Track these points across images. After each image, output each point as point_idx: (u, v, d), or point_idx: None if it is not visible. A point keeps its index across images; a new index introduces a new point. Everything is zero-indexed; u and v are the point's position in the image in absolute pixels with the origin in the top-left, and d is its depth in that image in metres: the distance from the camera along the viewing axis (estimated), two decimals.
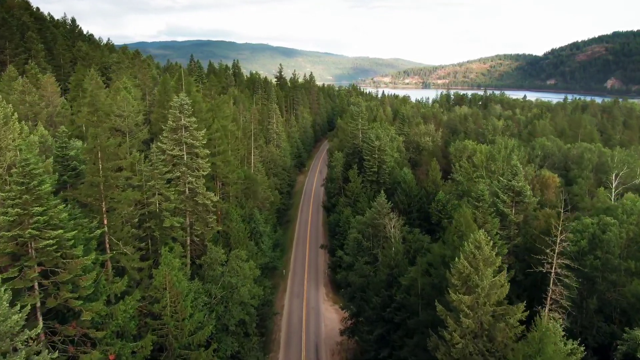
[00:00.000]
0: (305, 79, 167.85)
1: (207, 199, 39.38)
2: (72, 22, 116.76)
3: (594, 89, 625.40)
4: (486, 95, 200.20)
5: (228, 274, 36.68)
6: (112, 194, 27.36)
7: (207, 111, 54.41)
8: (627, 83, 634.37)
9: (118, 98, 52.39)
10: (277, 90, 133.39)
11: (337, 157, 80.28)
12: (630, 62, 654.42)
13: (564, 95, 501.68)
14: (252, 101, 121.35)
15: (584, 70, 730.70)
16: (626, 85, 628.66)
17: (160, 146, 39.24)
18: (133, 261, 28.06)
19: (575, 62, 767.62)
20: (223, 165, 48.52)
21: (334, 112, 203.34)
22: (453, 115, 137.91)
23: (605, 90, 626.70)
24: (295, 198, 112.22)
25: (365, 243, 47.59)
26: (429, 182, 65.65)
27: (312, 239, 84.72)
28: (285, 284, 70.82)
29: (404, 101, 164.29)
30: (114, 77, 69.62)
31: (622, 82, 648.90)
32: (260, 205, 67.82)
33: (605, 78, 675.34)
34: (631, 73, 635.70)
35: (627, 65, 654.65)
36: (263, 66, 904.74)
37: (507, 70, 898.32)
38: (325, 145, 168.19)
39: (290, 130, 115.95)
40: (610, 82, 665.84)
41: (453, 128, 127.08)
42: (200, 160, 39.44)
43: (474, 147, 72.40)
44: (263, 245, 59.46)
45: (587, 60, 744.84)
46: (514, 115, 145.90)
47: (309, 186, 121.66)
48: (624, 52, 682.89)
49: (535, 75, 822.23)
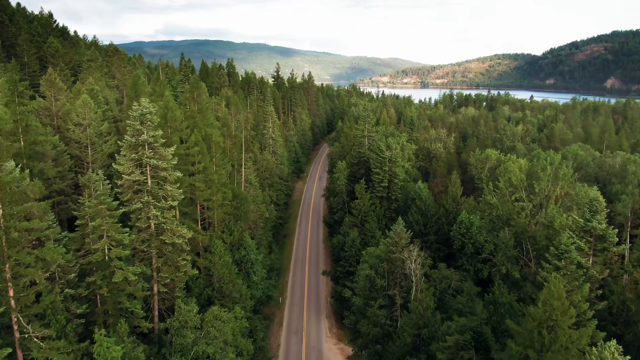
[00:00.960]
0: (303, 78, 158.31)
1: (177, 237, 30.00)
2: (50, 16, 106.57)
3: (594, 89, 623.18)
4: (491, 96, 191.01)
5: (203, 340, 27.34)
6: (19, 254, 17.98)
7: (187, 118, 45.00)
8: (627, 82, 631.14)
9: (77, 103, 42.87)
10: (273, 90, 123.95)
11: (340, 168, 70.83)
12: (630, 62, 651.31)
13: (564, 94, 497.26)
14: (247, 103, 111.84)
15: (584, 70, 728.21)
16: (626, 85, 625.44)
17: (117, 168, 29.80)
18: (54, 351, 18.65)
19: (574, 61, 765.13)
20: (204, 186, 39.17)
21: (333, 114, 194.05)
22: (461, 118, 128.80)
23: (605, 89, 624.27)
24: (294, 208, 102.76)
25: (379, 282, 38.43)
26: (448, 199, 56.39)
27: (312, 260, 75.30)
28: (281, 315, 61.31)
29: (408, 102, 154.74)
30: (84, 77, 60.00)
31: (622, 81, 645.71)
32: (253, 226, 58.47)
33: (604, 77, 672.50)
34: (631, 72, 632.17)
35: (627, 64, 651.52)
36: (260, 65, 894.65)
37: (505, 69, 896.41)
38: (325, 149, 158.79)
39: (288, 134, 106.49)
40: (610, 82, 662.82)
41: (463, 132, 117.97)
42: (170, 187, 30.02)
43: (497, 156, 63.28)
44: (255, 277, 50.09)
45: (586, 60, 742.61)
46: (524, 117, 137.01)
47: (308, 195, 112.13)
48: (623, 52, 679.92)
49: (534, 74, 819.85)
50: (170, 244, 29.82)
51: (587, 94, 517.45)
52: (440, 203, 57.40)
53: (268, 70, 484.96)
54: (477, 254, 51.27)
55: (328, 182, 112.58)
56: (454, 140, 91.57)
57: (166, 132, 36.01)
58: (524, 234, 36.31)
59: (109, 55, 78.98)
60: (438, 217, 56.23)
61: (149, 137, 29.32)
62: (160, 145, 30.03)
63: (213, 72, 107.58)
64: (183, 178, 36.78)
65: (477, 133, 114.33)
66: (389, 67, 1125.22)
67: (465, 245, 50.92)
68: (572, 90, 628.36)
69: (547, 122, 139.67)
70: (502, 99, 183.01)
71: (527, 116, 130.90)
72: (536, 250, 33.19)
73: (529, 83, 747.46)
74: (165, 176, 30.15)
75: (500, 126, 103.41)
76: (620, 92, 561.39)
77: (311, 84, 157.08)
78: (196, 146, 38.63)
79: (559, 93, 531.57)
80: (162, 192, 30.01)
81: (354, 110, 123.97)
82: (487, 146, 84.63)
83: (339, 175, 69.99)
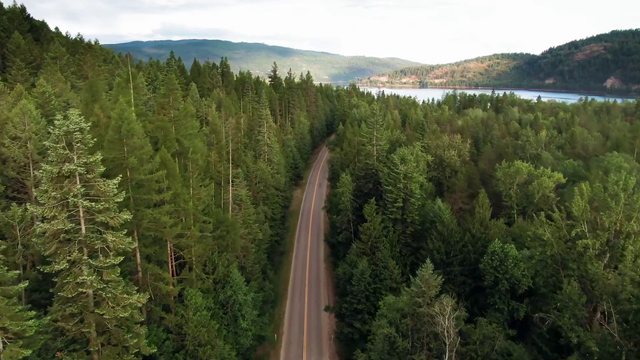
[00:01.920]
0: (302, 78, 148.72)
1: (124, 309, 20.72)
2: (22, 9, 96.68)
3: (594, 88, 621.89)
4: (496, 97, 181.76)
5: None
6: None
7: (156, 130, 35.73)
8: (627, 82, 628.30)
9: (14, 111, 33.47)
10: (270, 91, 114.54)
11: (344, 182, 61.48)
12: (630, 61, 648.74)
13: (564, 94, 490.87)
14: (241, 105, 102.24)
15: (583, 70, 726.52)
16: (626, 85, 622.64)
17: (32, 210, 20.45)
18: None
19: (573, 61, 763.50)
20: (174, 219, 29.94)
21: (333, 115, 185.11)
22: (470, 120, 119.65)
23: (605, 89, 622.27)
24: (292, 220, 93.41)
25: (401, 343, 29.30)
26: (475, 224, 47.23)
27: (312, 286, 65.99)
28: (277, 356, 52.08)
29: (412, 104, 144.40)
30: (45, 78, 50.41)
31: (622, 81, 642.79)
32: (243, 254, 49.21)
33: (604, 77, 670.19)
34: (631, 72, 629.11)
35: (627, 64, 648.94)
36: (259, 65, 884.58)
37: (504, 69, 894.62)
38: (324, 152, 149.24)
39: (285, 138, 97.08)
40: (610, 82, 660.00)
41: (474, 136, 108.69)
42: (111, 237, 20.71)
43: (529, 170, 54.19)
44: (244, 322, 40.79)
45: (585, 60, 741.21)
46: (537, 119, 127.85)
47: (308, 204, 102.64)
48: (623, 51, 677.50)
49: (534, 74, 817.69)
50: (112, 318, 20.52)
51: (587, 94, 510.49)
52: (465, 227, 48.19)
53: (266, 70, 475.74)
54: (513, 290, 42.39)
55: (328, 189, 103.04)
56: (469, 147, 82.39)
57: (121, 152, 26.66)
58: (595, 285, 27.30)
59: (81, 53, 69.45)
60: (463, 244, 47.07)
61: (78, 166, 19.98)
62: (98, 176, 20.69)
63: (205, 72, 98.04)
64: (143, 211, 27.42)
65: (490, 138, 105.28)
66: (387, 67, 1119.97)
67: (499, 281, 41.89)
68: (571, 90, 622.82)
69: (562, 125, 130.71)
70: (508, 99, 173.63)
71: (539, 118, 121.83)
72: (620, 314, 24.13)
73: (528, 83, 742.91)
74: (106, 220, 20.82)
75: (516, 130, 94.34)
76: (620, 92, 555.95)
77: (310, 84, 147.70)
78: (163, 168, 29.32)
79: (559, 93, 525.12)
80: (101, 244, 20.70)
81: (355, 112, 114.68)
82: (507, 155, 75.52)
83: (343, 190, 60.70)
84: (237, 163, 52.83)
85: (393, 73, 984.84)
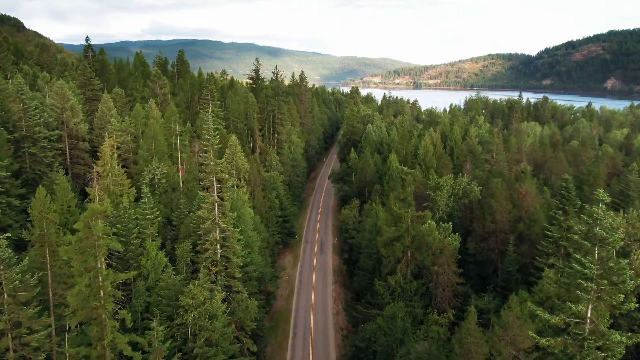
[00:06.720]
0: (293, 80, 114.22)
1: None
2: None
3: (594, 89, 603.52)
4: (534, 103, 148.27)
5: None
6: None
7: None
8: (629, 83, 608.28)
9: None
10: (250, 98, 79.58)
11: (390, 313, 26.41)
12: (630, 62, 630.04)
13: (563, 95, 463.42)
14: (191, 129, 63.53)
15: (582, 70, 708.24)
16: (628, 85, 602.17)
17: None
18: None
19: (571, 61, 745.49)
20: None
21: (331, 124, 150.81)
22: (530, 140, 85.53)
23: (606, 90, 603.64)
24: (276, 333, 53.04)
25: None
26: None
27: None
28: None
29: (454, 116, 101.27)
30: None
31: (623, 81, 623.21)
32: None
33: (604, 78, 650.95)
34: (632, 73, 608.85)
35: (628, 64, 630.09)
36: (249, 66, 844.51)
37: (500, 70, 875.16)
38: (324, 178, 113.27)
39: (267, 177, 61.47)
40: (610, 82, 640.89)
41: (538, 164, 75.16)
42: None
43: None
44: None
45: (584, 60, 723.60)
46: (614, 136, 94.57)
47: (304, 300, 54.40)
48: (622, 51, 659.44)
49: (530, 75, 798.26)
50: None
51: (587, 95, 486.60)
52: None
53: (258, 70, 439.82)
54: None
55: (337, 248, 66.20)
56: None
57: None
58: None
59: None
60: None
61: None
62: None
63: (136, 72, 62.03)
64: None
65: (573, 171, 71.31)
66: (379, 68, 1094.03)
67: None
68: (571, 91, 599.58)
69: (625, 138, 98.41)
70: (550, 105, 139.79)
71: (616, 135, 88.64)
72: None
73: (524, 83, 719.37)
74: None
75: (613, 158, 60.61)
76: (622, 93, 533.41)
77: (304, 87, 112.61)
78: None
79: (558, 94, 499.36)
80: None
81: (371, 130, 79.52)
82: None
83: None
84: None
85: (386, 73, 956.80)
